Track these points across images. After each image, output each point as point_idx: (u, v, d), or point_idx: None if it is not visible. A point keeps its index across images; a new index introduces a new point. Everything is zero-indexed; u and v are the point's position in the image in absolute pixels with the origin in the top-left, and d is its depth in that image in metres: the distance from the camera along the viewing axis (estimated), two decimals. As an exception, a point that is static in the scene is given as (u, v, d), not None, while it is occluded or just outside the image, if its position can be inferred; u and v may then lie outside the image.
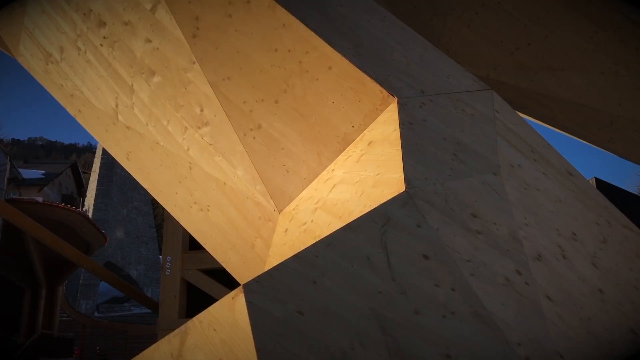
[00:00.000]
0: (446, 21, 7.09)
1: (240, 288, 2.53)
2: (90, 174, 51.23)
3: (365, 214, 2.78)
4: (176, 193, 4.89)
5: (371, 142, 3.80)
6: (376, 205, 2.87)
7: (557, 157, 4.27)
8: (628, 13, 6.68)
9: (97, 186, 46.90)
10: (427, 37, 5.72)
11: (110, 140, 5.27)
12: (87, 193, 49.85)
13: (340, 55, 4.06)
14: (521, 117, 4.79)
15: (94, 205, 46.00)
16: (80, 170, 51.86)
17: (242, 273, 4.57)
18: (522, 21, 6.76)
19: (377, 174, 3.31)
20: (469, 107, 4.40)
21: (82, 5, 4.93)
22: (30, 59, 5.68)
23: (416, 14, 7.16)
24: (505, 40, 6.91)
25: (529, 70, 6.98)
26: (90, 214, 42.25)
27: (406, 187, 2.92)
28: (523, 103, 7.20)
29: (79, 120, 5.45)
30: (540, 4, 6.57)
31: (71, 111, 5.50)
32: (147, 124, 4.87)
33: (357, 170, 3.59)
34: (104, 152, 44.94)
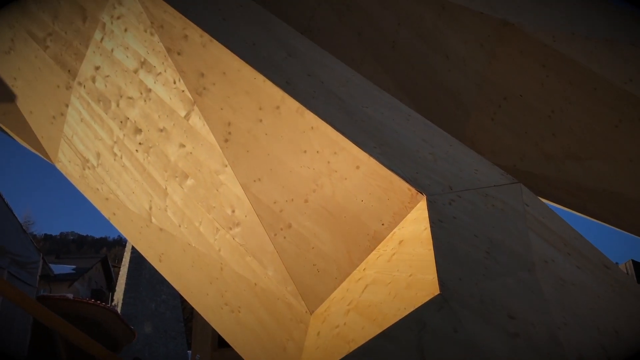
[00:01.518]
0: (470, 115, 7.23)
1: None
2: (119, 267, 51.54)
3: (400, 319, 2.74)
4: (207, 294, 4.90)
5: (402, 240, 3.80)
6: (410, 309, 2.83)
7: (591, 249, 4.20)
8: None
9: (126, 280, 47.03)
10: (451, 131, 5.84)
11: (144, 242, 5.36)
12: (117, 287, 49.94)
13: (367, 155, 4.15)
14: (552, 210, 4.76)
15: (123, 299, 45.93)
16: (110, 264, 52.29)
17: (274, 376, 4.48)
18: (545, 112, 6.85)
19: (410, 275, 3.28)
20: (499, 202, 4.40)
21: (119, 113, 5.18)
22: (68, 165, 5.92)
23: (439, 109, 7.33)
24: (530, 131, 6.99)
25: (556, 160, 7.00)
26: (119, 309, 42.11)
27: (440, 289, 2.88)
28: (552, 193, 7.17)
29: (113, 222, 5.59)
30: (562, 96, 6.68)
31: (106, 214, 5.65)
32: (179, 226, 4.96)
33: (389, 271, 3.57)
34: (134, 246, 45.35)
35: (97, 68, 5.33)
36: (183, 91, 4.82)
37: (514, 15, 6.88)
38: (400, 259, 3.59)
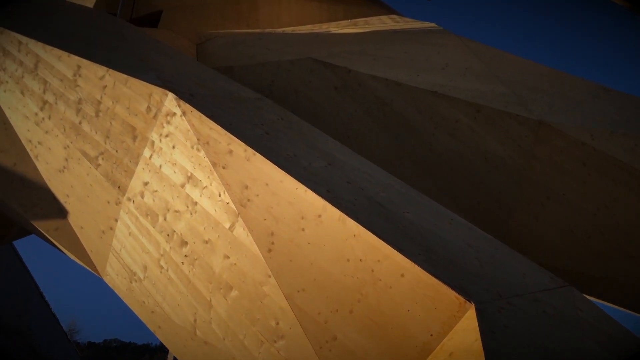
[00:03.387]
0: (512, 214, 7.17)
1: None
2: (161, 375, 50.65)
3: None
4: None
5: (452, 352, 3.68)
6: None
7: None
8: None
9: (167, 388, 46.06)
10: (494, 232, 5.77)
11: (188, 355, 5.32)
12: (157, 396, 48.82)
13: (411, 262, 4.12)
14: (606, 313, 4.58)
15: (164, 409, 44.77)
16: (151, 372, 51.46)
17: None
18: (590, 210, 6.75)
19: (463, 391, 3.15)
20: (550, 307, 4.26)
21: (166, 227, 5.32)
22: (115, 278, 6.03)
23: (481, 209, 7.30)
24: (576, 229, 6.86)
25: (606, 258, 6.80)
26: (159, 419, 40.92)
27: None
28: (605, 293, 6.91)
29: (158, 336, 5.59)
30: (606, 194, 6.60)
31: (151, 327, 5.67)
32: (224, 339, 4.93)
33: (441, 385, 3.44)
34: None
35: (145, 184, 5.55)
36: (228, 203, 4.95)
37: (550, 115, 6.97)
38: (452, 373, 3.47)
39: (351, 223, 4.40)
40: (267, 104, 6.52)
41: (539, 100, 7.21)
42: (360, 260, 4.33)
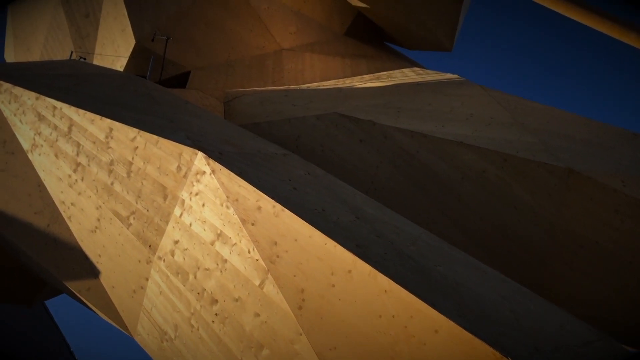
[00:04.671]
0: (545, 263, 7.03)
1: None
2: None
3: None
4: None
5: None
6: None
7: None
8: None
9: None
10: (528, 282, 5.66)
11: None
12: None
13: (445, 318, 4.04)
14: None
15: None
16: None
17: None
18: (625, 258, 6.58)
19: None
20: (590, 361, 4.12)
21: (196, 285, 5.34)
22: (146, 338, 6.03)
23: (513, 259, 7.18)
24: (612, 278, 6.68)
25: (645, 307, 6.58)
26: None
27: None
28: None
29: (190, 396, 5.51)
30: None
31: (182, 387, 5.61)
32: (256, 400, 4.85)
33: None
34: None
35: (176, 242, 5.60)
36: (257, 260, 4.96)
37: (579, 162, 6.91)
38: None
39: (382, 278, 4.36)
40: (294, 159, 6.60)
41: (566, 147, 7.17)
42: (393, 316, 4.27)
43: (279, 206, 5.01)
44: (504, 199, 7.29)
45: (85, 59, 12.49)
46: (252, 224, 5.11)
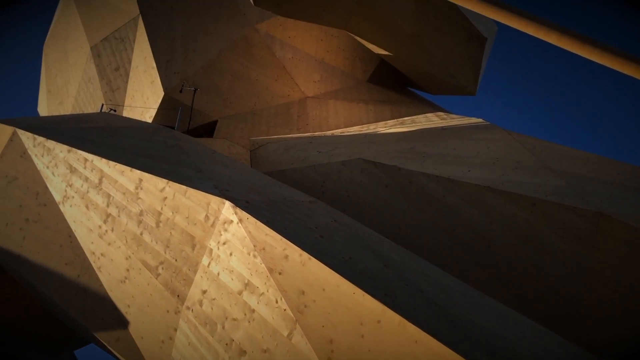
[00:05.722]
0: (579, 309, 6.87)
1: None
2: None
3: None
4: None
5: None
6: None
7: None
8: None
9: None
10: (561, 330, 5.51)
11: None
12: None
13: (477, 368, 3.96)
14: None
15: None
16: None
17: None
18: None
19: None
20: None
21: (224, 336, 5.31)
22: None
23: (546, 305, 7.02)
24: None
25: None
26: None
27: None
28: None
29: None
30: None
31: None
32: None
33: None
34: None
35: (204, 292, 5.61)
36: (285, 310, 4.93)
37: (610, 205, 6.80)
38: None
39: (412, 328, 4.30)
40: (320, 206, 6.61)
41: (596, 190, 7.07)
42: (423, 367, 4.18)
43: (305, 255, 5.00)
44: (533, 243, 7.18)
45: (115, 110, 12.86)
46: (280, 273, 5.10)
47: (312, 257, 4.97)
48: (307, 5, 10.44)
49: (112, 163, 6.64)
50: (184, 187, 6.02)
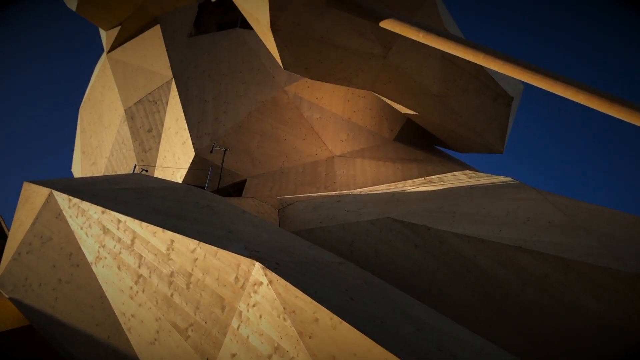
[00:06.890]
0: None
1: None
2: None
3: None
4: None
5: None
6: None
7: None
8: None
9: None
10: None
11: None
12: None
13: None
14: None
15: None
16: None
17: None
18: None
19: None
20: None
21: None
22: None
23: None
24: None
25: None
26: None
27: None
28: None
29: None
30: None
31: None
32: None
33: None
34: None
35: (233, 355, 5.56)
36: (316, 376, 4.85)
37: (647, 267, 6.64)
38: None
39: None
40: (349, 267, 6.58)
41: (631, 251, 6.91)
42: None
43: (336, 318, 4.94)
44: (568, 305, 7.00)
45: (147, 171, 13.15)
46: (310, 337, 5.04)
47: (342, 321, 4.91)
48: (335, 69, 10.69)
49: (144, 224, 6.74)
50: (214, 248, 6.06)
